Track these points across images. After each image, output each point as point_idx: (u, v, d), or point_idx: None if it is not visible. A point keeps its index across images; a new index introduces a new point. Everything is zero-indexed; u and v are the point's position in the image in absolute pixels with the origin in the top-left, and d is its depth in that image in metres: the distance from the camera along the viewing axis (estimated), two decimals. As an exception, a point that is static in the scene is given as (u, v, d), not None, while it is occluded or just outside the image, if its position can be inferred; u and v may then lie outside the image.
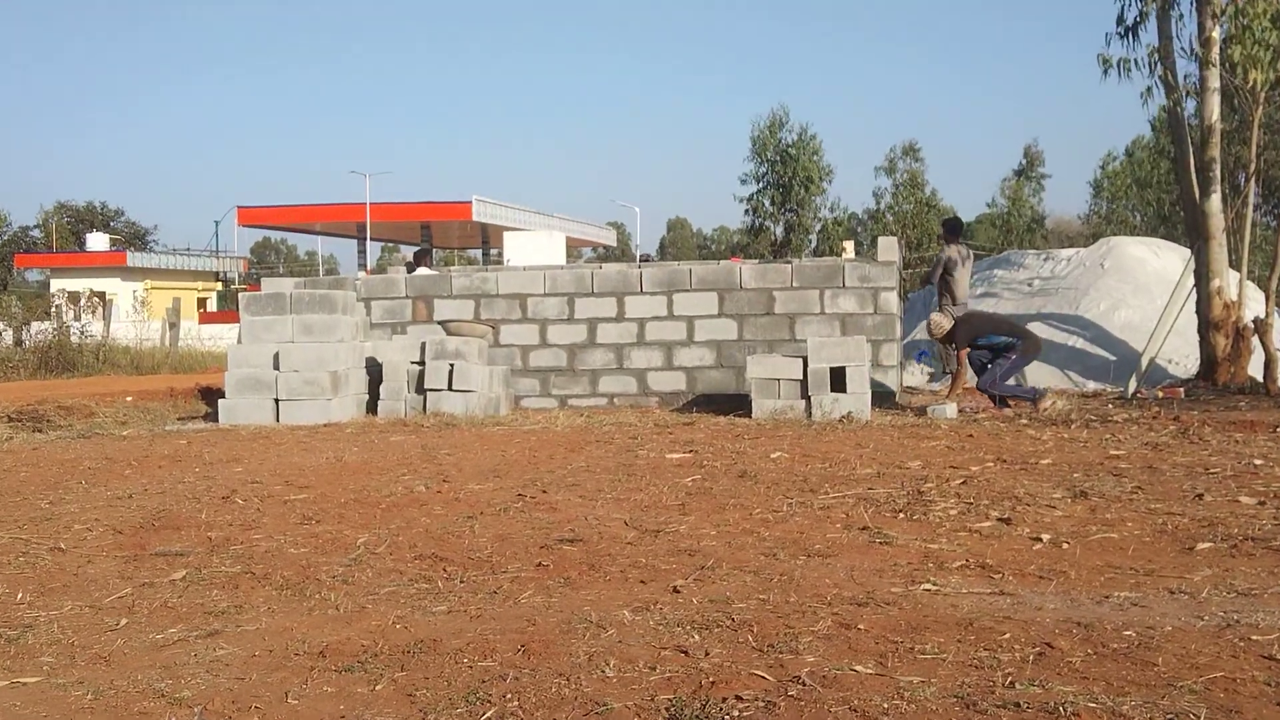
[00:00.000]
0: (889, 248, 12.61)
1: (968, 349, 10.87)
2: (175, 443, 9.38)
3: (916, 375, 14.82)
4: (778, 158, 48.49)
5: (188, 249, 57.24)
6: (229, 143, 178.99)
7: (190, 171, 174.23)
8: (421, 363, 11.56)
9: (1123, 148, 51.70)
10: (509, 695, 3.05)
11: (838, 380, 10.46)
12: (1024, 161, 54.16)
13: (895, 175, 51.25)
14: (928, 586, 4.17)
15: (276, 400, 11.03)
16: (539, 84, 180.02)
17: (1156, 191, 43.62)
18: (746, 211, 50.39)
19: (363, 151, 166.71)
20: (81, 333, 21.96)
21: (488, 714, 2.94)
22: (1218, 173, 12.95)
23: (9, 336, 23.62)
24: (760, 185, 49.92)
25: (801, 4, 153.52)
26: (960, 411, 10.32)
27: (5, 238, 63.45)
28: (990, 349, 10.87)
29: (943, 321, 11.16)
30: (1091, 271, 16.16)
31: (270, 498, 6.46)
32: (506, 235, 22.98)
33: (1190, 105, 13.38)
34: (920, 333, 15.37)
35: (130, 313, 31.61)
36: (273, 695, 3.14)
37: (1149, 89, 12.92)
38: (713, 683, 3.09)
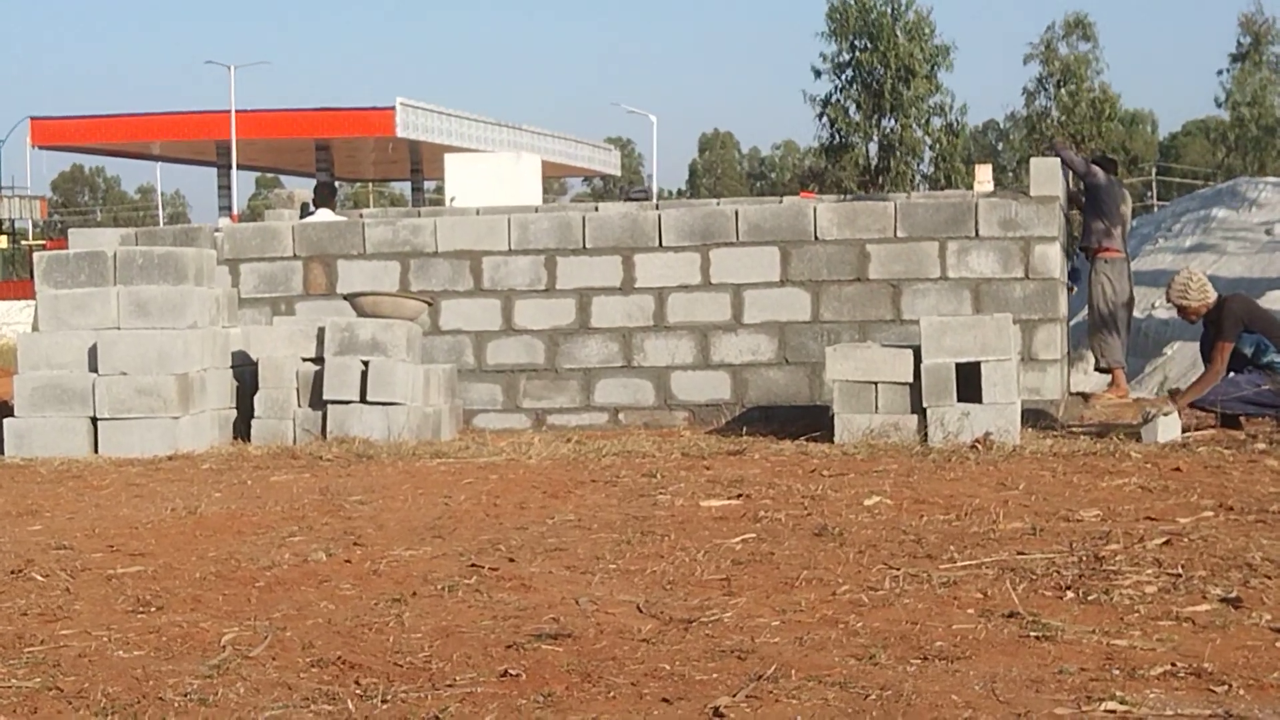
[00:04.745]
0: (1048, 174, 12.57)
1: (1232, 342, 10.71)
2: (-62, 486, 9.40)
3: (1090, 375, 14.82)
4: (865, 39, 48.50)
5: (-46, 185, 57.49)
6: (17, 18, 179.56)
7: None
8: (320, 359, 11.58)
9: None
10: None
11: (969, 383, 10.44)
12: (1243, 40, 54.04)
13: (1052, 64, 51.25)
14: (1112, 705, 4.16)
15: (94, 419, 11.05)
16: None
17: None
18: (820, 116, 50.33)
19: (225, 32, 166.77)
20: None
21: None
22: None
23: None
24: (840, 82, 49.95)
25: None
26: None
27: None
28: (1254, 363, 10.75)
29: (1207, 288, 10.94)
30: (1366, 210, 16.11)
31: (86, 571, 6.44)
32: (449, 159, 23.00)
33: None
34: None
35: None
36: None
37: None
38: None
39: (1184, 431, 10.37)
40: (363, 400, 11.35)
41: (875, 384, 10.65)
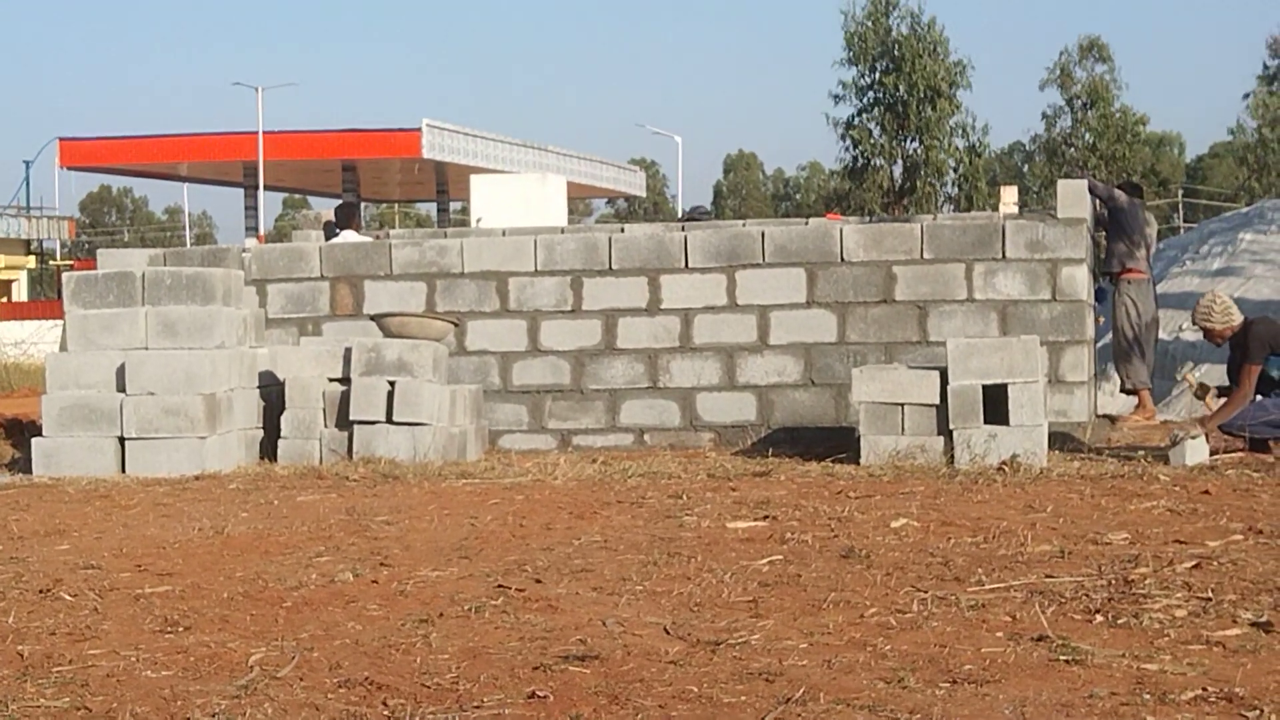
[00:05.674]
0: (1075, 196, 12.55)
1: (1259, 365, 10.66)
2: (-33, 505, 9.44)
3: (1116, 397, 14.76)
4: (885, 60, 48.70)
5: (-17, 205, 57.83)
6: (47, 40, 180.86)
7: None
8: (346, 380, 11.60)
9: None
10: None
11: (995, 405, 10.42)
12: (1270, 63, 54.13)
13: (1071, 89, 51.46)
14: (1143, 731, 4.15)
15: (121, 439, 11.08)
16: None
17: None
18: (843, 138, 50.45)
19: (253, 54, 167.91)
20: None
21: None
22: None
23: None
24: (862, 103, 50.14)
25: None
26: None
27: None
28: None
29: (1231, 310, 10.88)
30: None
31: (114, 591, 6.47)
32: (475, 180, 23.11)
33: None
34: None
35: (-104, 304, 31.96)
36: None
37: None
38: None
39: (1212, 454, 10.34)
40: (389, 421, 11.36)
41: (902, 405, 10.64)
